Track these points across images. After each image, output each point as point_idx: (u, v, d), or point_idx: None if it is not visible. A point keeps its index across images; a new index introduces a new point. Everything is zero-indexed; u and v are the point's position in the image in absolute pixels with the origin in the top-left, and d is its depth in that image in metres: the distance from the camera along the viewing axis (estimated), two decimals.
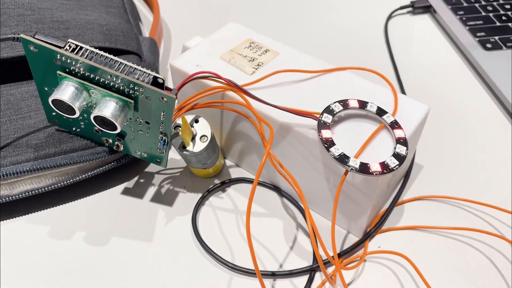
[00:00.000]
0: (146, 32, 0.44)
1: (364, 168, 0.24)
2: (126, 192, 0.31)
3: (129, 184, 0.32)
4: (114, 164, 0.30)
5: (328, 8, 0.50)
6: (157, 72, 0.37)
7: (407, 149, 0.25)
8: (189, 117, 0.29)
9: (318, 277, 0.27)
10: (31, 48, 0.24)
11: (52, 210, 0.30)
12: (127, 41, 0.35)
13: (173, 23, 0.47)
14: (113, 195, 0.31)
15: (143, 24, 0.46)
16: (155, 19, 0.42)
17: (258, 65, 0.30)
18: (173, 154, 0.34)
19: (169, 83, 0.38)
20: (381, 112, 0.27)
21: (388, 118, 0.26)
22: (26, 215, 0.30)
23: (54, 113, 0.29)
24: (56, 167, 0.29)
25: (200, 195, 0.31)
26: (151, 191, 0.31)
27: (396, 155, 0.25)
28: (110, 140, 0.29)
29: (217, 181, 0.32)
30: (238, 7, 0.49)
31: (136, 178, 0.32)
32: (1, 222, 0.29)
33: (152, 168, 0.33)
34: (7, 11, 0.34)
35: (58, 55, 0.24)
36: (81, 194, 0.31)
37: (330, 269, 0.28)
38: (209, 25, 0.47)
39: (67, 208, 0.30)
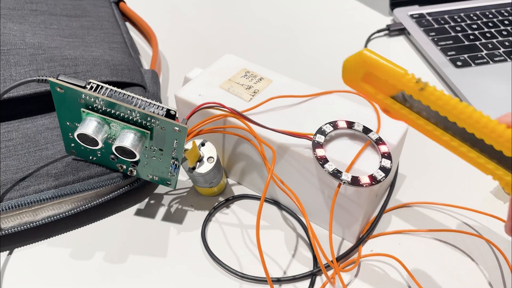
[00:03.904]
0: (145, 64, 0.47)
1: (355, 181, 0.27)
2: (138, 212, 0.34)
3: (141, 205, 0.35)
4: (128, 188, 0.33)
5: (312, 36, 0.54)
6: (159, 100, 0.40)
7: (391, 162, 0.29)
8: (196, 142, 0.32)
9: (319, 280, 0.30)
10: (58, 89, 0.27)
11: (72, 233, 0.33)
12: (132, 75, 0.39)
13: (170, 55, 0.50)
14: (127, 216, 0.34)
15: (142, 56, 0.49)
16: (154, 52, 0.45)
17: (254, 92, 0.34)
18: (179, 176, 0.36)
19: None
20: (366, 130, 0.30)
21: (373, 135, 0.30)
22: (48, 239, 0.32)
23: (73, 145, 0.31)
24: (76, 193, 0.31)
25: (207, 212, 0.34)
26: (161, 211, 0.34)
27: (382, 168, 0.28)
28: (124, 167, 0.32)
29: (221, 199, 0.35)
30: (225, 39, 0.53)
31: (147, 200, 0.35)
32: (25, 246, 0.32)
33: (160, 189, 0.36)
34: (19, 51, 0.37)
35: (83, 95, 0.27)
36: (98, 217, 0.34)
37: (330, 272, 0.31)
38: (203, 56, 0.50)
39: (86, 231, 0.33)
